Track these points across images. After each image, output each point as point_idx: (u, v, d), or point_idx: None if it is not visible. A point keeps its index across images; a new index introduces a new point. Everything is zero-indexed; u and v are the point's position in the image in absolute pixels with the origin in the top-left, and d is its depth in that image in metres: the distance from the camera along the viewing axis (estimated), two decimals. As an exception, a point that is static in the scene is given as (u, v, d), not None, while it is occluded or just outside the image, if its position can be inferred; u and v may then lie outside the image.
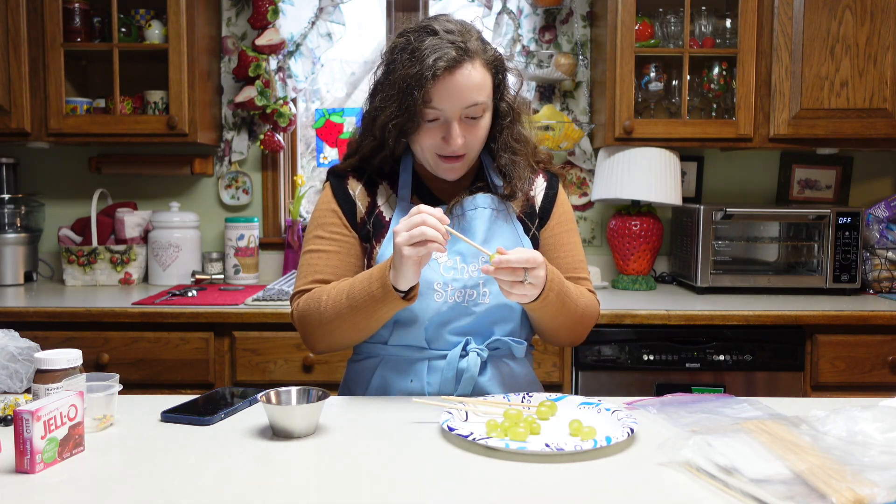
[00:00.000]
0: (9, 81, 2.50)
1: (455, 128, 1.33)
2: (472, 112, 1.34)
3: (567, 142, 2.74)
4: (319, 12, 2.80)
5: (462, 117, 1.34)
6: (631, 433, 1.11)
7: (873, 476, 0.87)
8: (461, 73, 1.31)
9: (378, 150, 1.42)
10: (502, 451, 1.06)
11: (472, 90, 1.32)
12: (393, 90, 1.33)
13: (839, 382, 2.27)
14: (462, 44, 1.31)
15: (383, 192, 1.46)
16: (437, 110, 1.32)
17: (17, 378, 1.37)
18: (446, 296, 1.37)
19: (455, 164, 1.38)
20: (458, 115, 1.33)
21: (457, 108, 1.32)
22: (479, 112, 1.35)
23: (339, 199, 1.44)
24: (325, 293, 1.34)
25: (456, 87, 1.31)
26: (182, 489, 0.95)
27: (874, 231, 2.71)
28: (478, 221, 1.41)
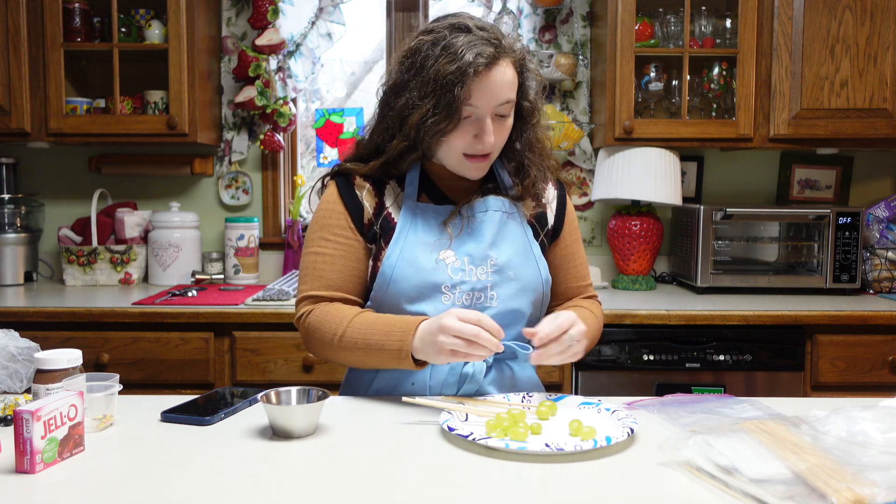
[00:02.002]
0: (9, 81, 2.50)
1: (489, 125, 1.32)
2: (503, 110, 1.34)
3: (567, 142, 2.74)
4: (319, 12, 2.80)
5: (494, 115, 1.33)
6: (631, 433, 1.11)
7: (873, 476, 0.87)
8: (498, 69, 1.30)
9: (409, 151, 1.37)
10: (502, 451, 1.06)
11: (506, 87, 1.32)
12: (427, 87, 1.30)
13: (839, 382, 2.27)
14: (496, 40, 1.32)
15: (391, 191, 1.43)
16: (472, 107, 1.31)
17: (17, 378, 1.37)
18: (454, 298, 1.36)
19: (482, 164, 1.37)
20: (492, 112, 1.33)
21: (492, 105, 1.32)
22: (508, 110, 1.35)
23: (346, 200, 1.41)
24: (342, 322, 1.32)
25: (494, 84, 1.30)
26: (182, 489, 0.95)
27: (874, 231, 2.71)
28: (487, 224, 1.40)
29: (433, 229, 1.38)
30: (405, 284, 1.35)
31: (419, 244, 1.37)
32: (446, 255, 1.36)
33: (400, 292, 1.35)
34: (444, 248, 1.37)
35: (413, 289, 1.35)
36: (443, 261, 1.36)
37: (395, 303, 1.36)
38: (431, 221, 1.39)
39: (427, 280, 1.35)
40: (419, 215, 1.39)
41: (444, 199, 1.43)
